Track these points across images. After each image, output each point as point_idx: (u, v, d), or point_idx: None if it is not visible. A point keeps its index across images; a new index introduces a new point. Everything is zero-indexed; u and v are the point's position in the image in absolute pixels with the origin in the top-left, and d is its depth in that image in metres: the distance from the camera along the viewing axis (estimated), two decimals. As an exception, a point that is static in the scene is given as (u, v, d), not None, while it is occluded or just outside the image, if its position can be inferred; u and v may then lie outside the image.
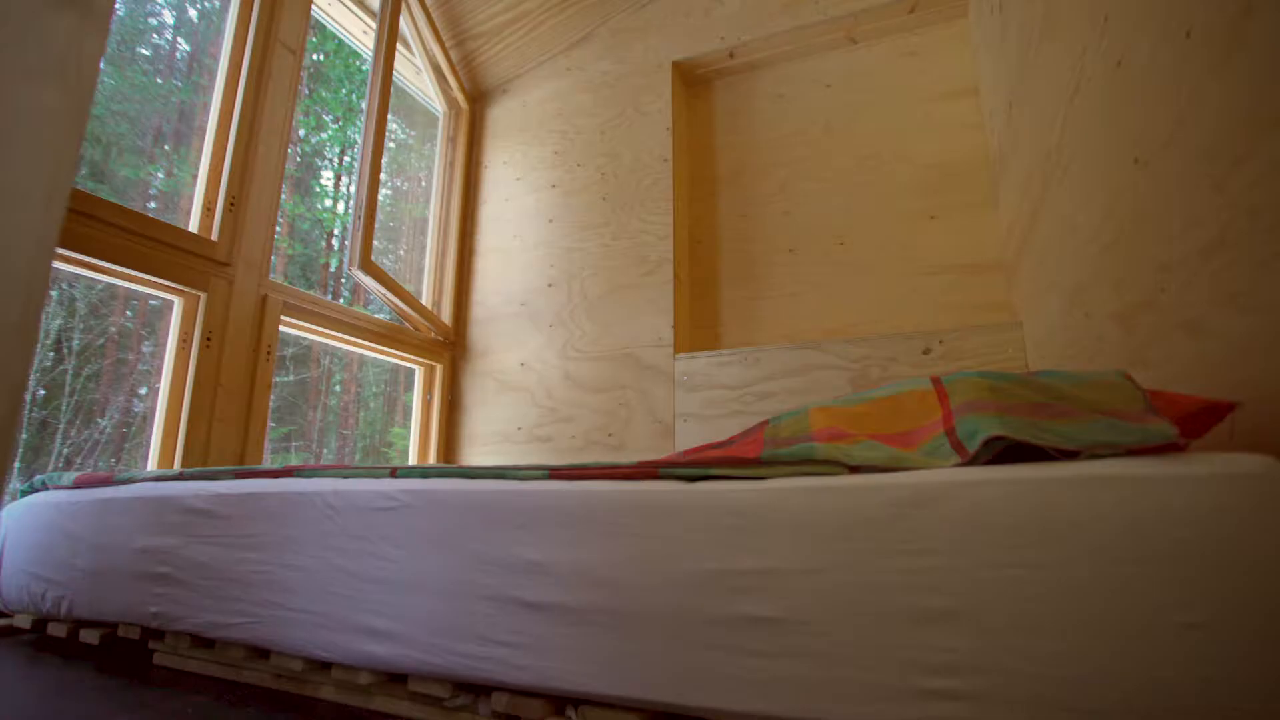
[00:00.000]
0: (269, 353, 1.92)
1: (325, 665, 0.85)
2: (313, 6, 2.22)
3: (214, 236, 1.81)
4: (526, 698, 0.71)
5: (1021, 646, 0.50)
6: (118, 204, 1.61)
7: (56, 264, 1.57)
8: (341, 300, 3.23)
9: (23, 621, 1.24)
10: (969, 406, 0.63)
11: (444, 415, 2.60)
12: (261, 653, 0.91)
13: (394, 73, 2.62)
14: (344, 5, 2.35)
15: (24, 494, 1.34)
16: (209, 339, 1.76)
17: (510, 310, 2.59)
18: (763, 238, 2.32)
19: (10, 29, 0.37)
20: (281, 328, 2.04)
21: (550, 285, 2.52)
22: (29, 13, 0.37)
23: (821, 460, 0.66)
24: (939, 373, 1.48)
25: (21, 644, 1.17)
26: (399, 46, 2.48)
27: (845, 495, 0.60)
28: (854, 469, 0.64)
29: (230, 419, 1.78)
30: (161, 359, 1.78)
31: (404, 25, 2.32)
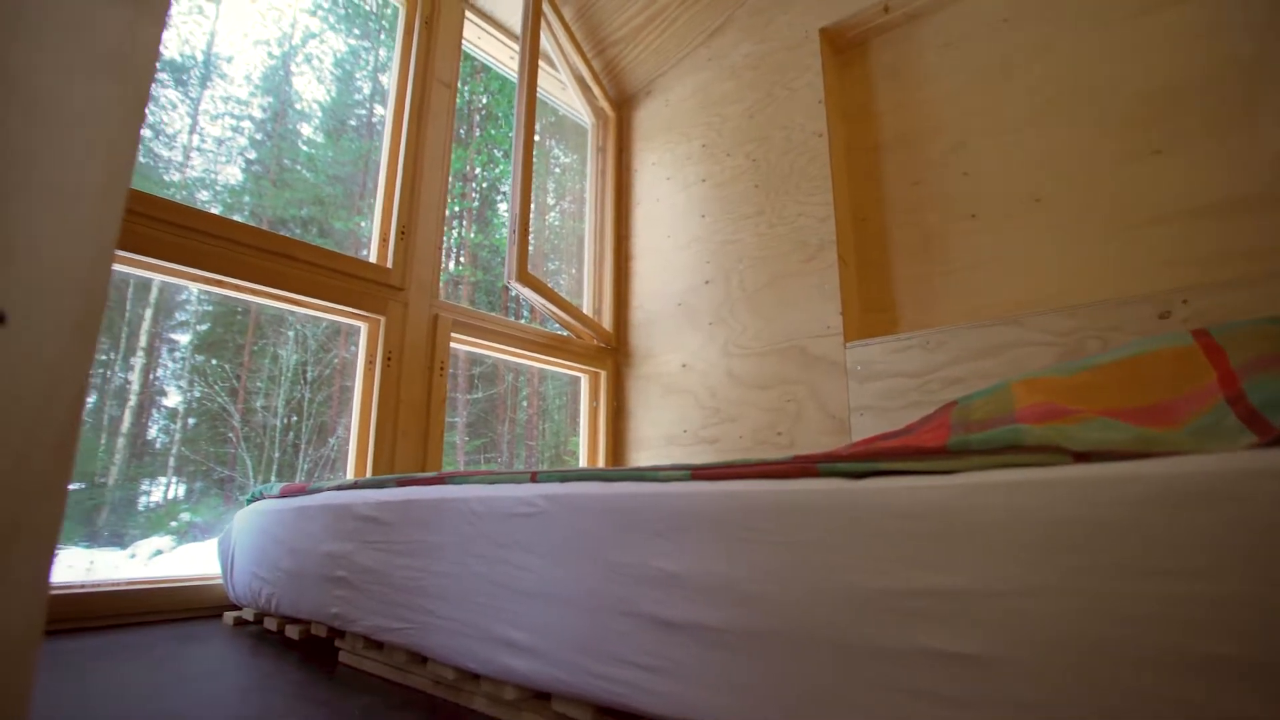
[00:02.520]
0: (442, 368, 2.03)
1: (475, 675, 0.82)
2: (463, 42, 2.35)
3: (389, 264, 1.96)
4: (673, 730, 0.62)
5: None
6: (309, 243, 1.79)
7: (275, 304, 1.79)
8: (522, 319, 3.40)
9: (248, 614, 1.40)
10: (1262, 364, 0.44)
11: (610, 421, 2.62)
12: (420, 658, 0.92)
13: (542, 91, 2.71)
14: (491, 35, 2.46)
15: (248, 502, 1.52)
16: (389, 358, 1.90)
17: (669, 311, 2.54)
18: (938, 206, 2.05)
19: (64, 23, 0.35)
20: (452, 344, 2.16)
21: (707, 282, 2.43)
22: (83, 7, 0.36)
23: (1032, 446, 0.50)
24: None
25: (248, 634, 1.31)
26: (543, 64, 2.55)
27: (1068, 492, 0.44)
28: (1080, 456, 0.47)
29: (411, 431, 1.91)
30: (354, 380, 1.95)
31: (546, 42, 2.38)
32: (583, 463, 2.63)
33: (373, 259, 1.99)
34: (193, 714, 0.81)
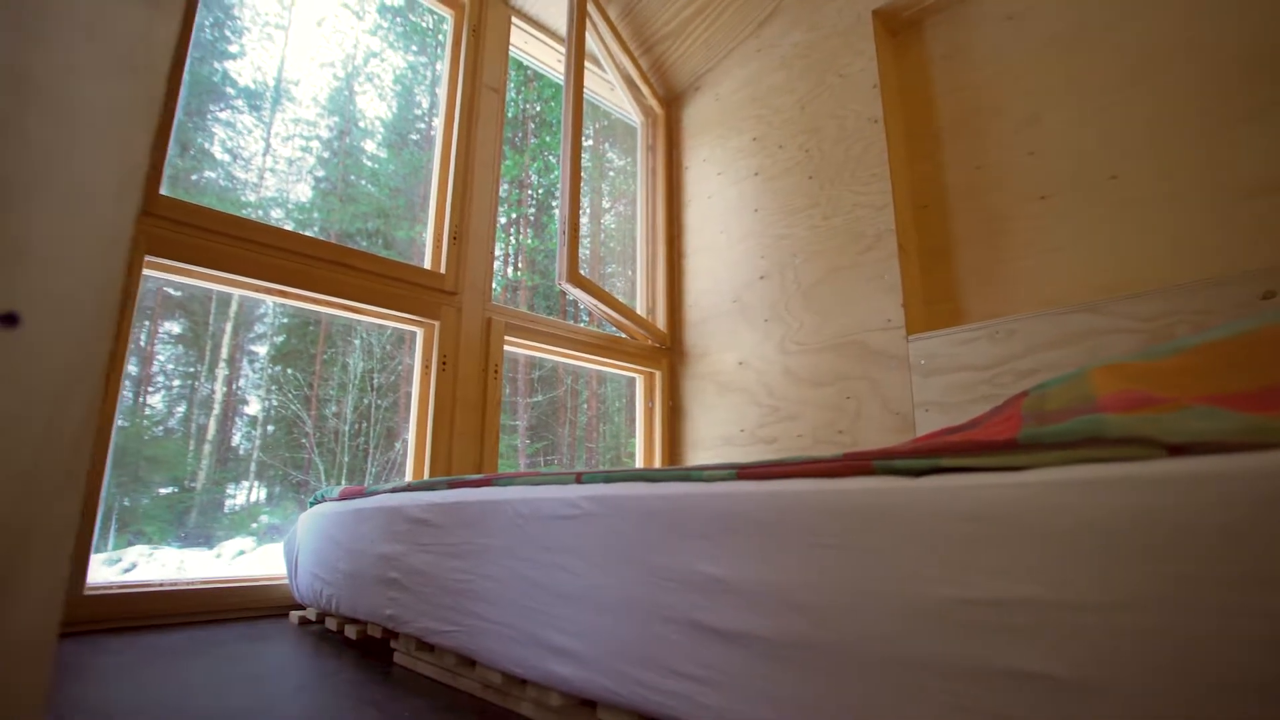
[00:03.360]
0: (496, 371, 2.05)
1: (522, 680, 0.81)
2: (510, 48, 2.37)
3: (442, 269, 1.99)
4: (723, 744, 0.58)
5: None
6: (365, 252, 1.84)
7: (337, 313, 1.84)
8: (581, 322, 3.40)
9: (311, 614, 1.43)
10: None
11: (666, 421, 2.59)
12: (470, 661, 0.91)
13: (591, 93, 2.71)
14: (538, 40, 2.48)
15: (311, 504, 1.56)
16: (444, 362, 1.92)
17: (723, 309, 2.50)
18: (1005, 188, 1.93)
19: (80, 23, 0.35)
20: (508, 348, 2.17)
21: (762, 277, 2.37)
22: (98, 6, 0.36)
23: (1117, 439, 0.44)
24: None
25: (311, 633, 1.35)
26: (591, 66, 2.55)
27: (1166, 491, 0.38)
28: (1176, 449, 0.42)
29: (467, 434, 1.93)
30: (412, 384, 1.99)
31: (592, 43, 2.38)
32: (639, 464, 2.61)
33: (426, 265, 2.02)
34: (252, 711, 0.83)
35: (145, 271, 1.48)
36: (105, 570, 4.86)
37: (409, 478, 1.86)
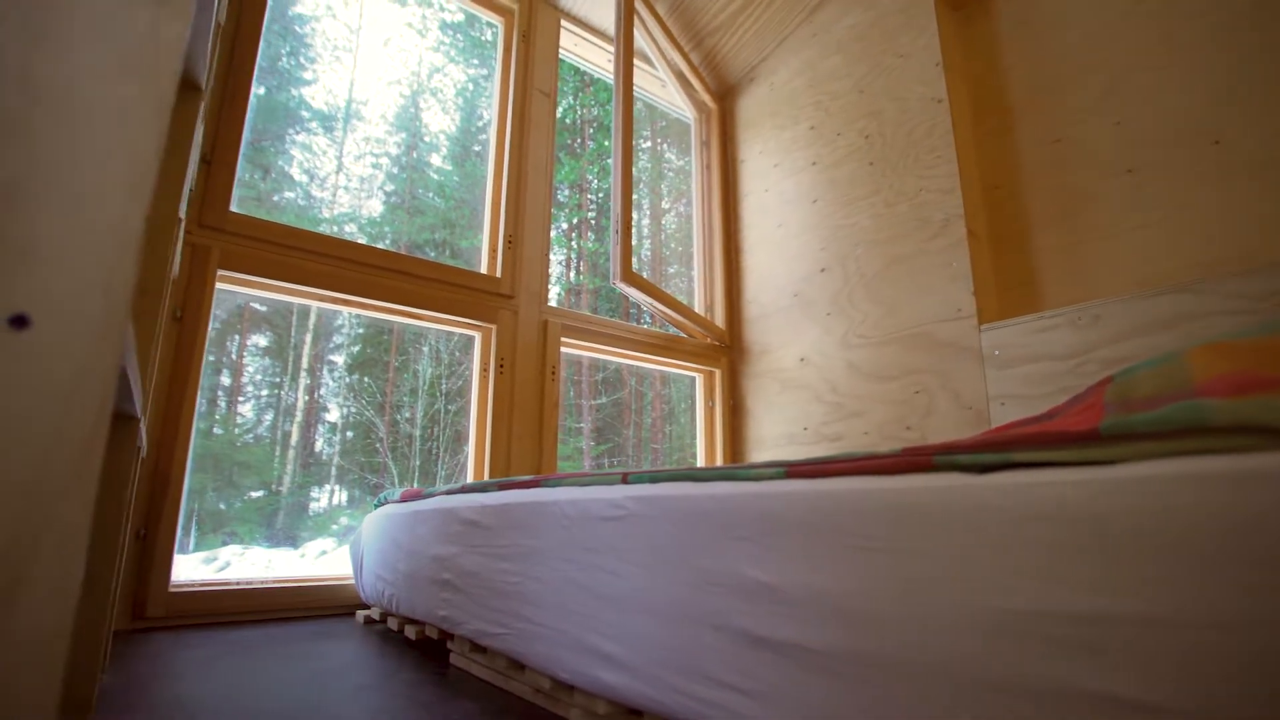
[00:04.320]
0: (554, 372, 2.05)
1: (569, 686, 0.79)
2: (561, 51, 2.38)
3: (498, 273, 2.01)
4: (775, 761, 0.54)
5: None
6: (424, 260, 1.87)
7: (393, 318, 1.88)
8: (643, 323, 3.39)
9: (375, 614, 1.47)
10: None
11: (727, 421, 2.54)
12: (520, 664, 0.90)
13: (643, 91, 2.70)
14: (588, 41, 2.48)
15: (375, 507, 1.60)
16: (501, 366, 1.94)
17: (783, 304, 2.43)
18: (1086, 163, 1.79)
19: (88, 24, 0.35)
20: (569, 350, 2.18)
21: (822, 270, 2.29)
22: (106, 7, 0.36)
23: (1224, 427, 0.38)
24: None
25: (375, 633, 1.37)
26: (642, 64, 2.53)
27: (1282, 485, 0.32)
28: (1296, 438, 0.35)
29: (525, 435, 1.94)
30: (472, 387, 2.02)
31: (641, 40, 2.36)
32: (701, 465, 2.57)
33: (483, 270, 2.05)
34: (313, 710, 0.84)
35: (219, 285, 1.55)
36: (202, 568, 5.20)
37: (469, 480, 1.88)
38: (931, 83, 2.03)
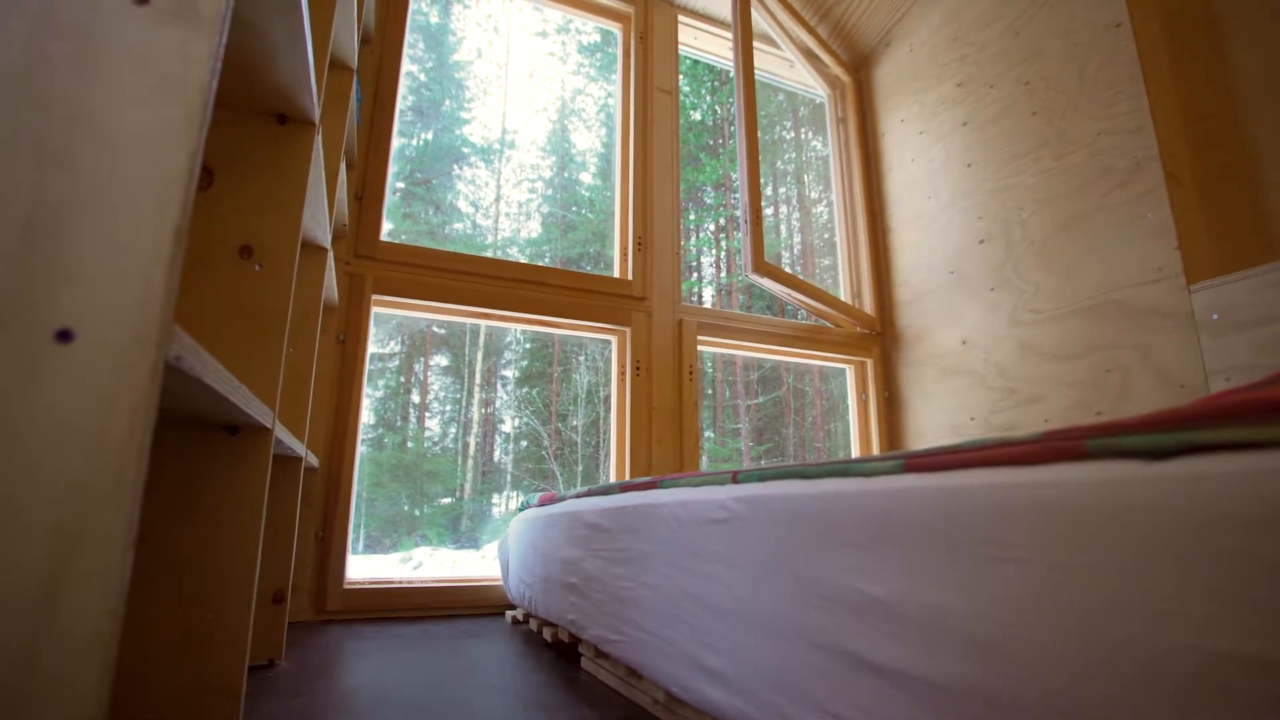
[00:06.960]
0: (691, 372, 2.01)
1: (681, 700, 0.74)
2: (680, 46, 2.35)
3: (629, 276, 2.02)
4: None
5: None
6: (556, 269, 1.93)
7: (532, 327, 1.96)
8: (799, 317, 3.26)
9: (520, 614, 1.51)
10: None
11: (882, 413, 2.34)
12: (637, 672, 0.86)
13: (769, 75, 2.59)
14: (707, 33, 2.42)
15: (519, 510, 1.66)
16: (638, 368, 1.93)
17: (939, 283, 2.20)
18: (1335, 70, 1.42)
19: (123, 50, 0.37)
20: (703, 348, 2.13)
21: (982, 241, 2.04)
22: (139, 32, 0.37)
23: None
24: None
25: (520, 633, 1.42)
26: (766, 46, 2.43)
27: None
28: None
29: (666, 437, 1.91)
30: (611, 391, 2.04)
31: (761, 21, 2.26)
32: (854, 462, 2.40)
33: (615, 274, 2.06)
34: (451, 704, 0.86)
35: (375, 309, 1.69)
36: (399, 567, 5.80)
37: (613, 481, 1.90)
38: (1106, 6, 1.72)
